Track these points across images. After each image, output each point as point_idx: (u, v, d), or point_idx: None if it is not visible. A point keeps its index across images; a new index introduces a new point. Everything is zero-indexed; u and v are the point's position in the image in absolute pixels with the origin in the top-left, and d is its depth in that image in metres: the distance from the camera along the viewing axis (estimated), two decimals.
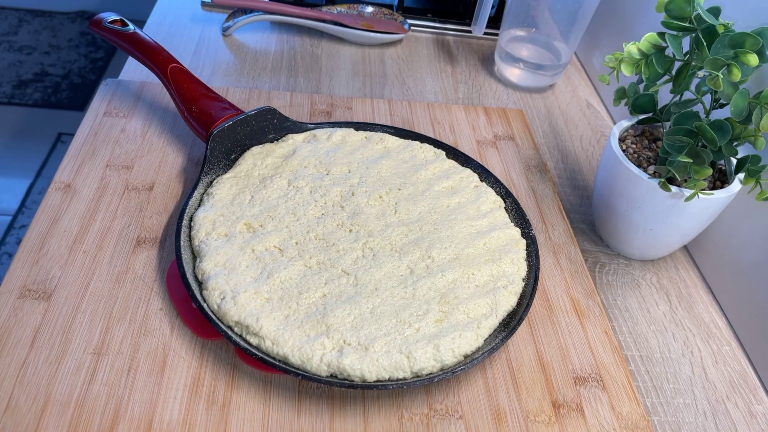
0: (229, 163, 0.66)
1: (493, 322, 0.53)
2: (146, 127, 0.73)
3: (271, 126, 0.69)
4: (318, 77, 0.88)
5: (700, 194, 0.57)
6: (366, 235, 0.59)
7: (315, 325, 0.51)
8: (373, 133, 0.71)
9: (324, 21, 0.94)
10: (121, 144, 0.70)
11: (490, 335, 0.53)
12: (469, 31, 1.01)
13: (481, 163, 0.76)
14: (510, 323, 0.54)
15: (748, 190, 0.59)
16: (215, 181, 0.63)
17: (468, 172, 0.68)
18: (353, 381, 0.48)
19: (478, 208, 0.64)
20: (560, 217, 0.70)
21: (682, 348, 0.60)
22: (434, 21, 1.01)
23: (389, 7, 0.99)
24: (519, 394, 0.53)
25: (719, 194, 0.58)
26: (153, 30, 0.92)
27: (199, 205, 0.61)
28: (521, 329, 0.58)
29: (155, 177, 0.67)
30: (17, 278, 0.55)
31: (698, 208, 0.59)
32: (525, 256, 0.60)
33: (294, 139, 0.69)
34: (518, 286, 0.57)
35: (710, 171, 0.55)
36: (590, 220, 0.72)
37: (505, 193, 0.66)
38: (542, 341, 0.57)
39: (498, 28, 0.94)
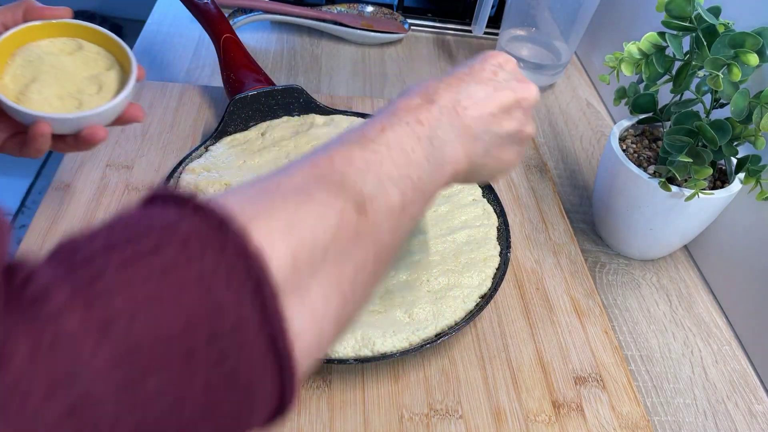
0: (244, 129, 0.70)
1: (430, 331, 0.52)
2: (146, 127, 0.73)
3: (297, 104, 0.72)
4: (318, 77, 0.88)
5: (700, 194, 0.57)
6: None
7: None
8: None
9: (324, 21, 0.94)
10: (121, 144, 0.70)
11: (419, 342, 0.52)
12: (469, 31, 1.01)
13: None
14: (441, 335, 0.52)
15: (749, 189, 0.59)
16: (220, 140, 0.67)
17: (473, 184, 0.67)
18: None
19: (465, 220, 0.62)
20: (560, 217, 0.70)
21: (682, 348, 0.60)
22: (434, 21, 1.01)
23: (389, 6, 0.99)
24: (519, 394, 0.53)
25: (719, 194, 0.58)
26: (153, 30, 0.92)
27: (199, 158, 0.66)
28: (521, 329, 0.58)
29: (155, 177, 0.67)
30: None
31: (698, 208, 0.59)
32: (492, 274, 0.58)
33: (314, 120, 0.71)
34: (471, 303, 0.55)
35: (710, 171, 0.55)
36: (590, 220, 0.72)
37: (499, 212, 0.64)
38: (542, 341, 0.57)
39: (498, 27, 0.94)
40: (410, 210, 0.34)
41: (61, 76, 0.48)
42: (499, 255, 0.60)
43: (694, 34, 0.56)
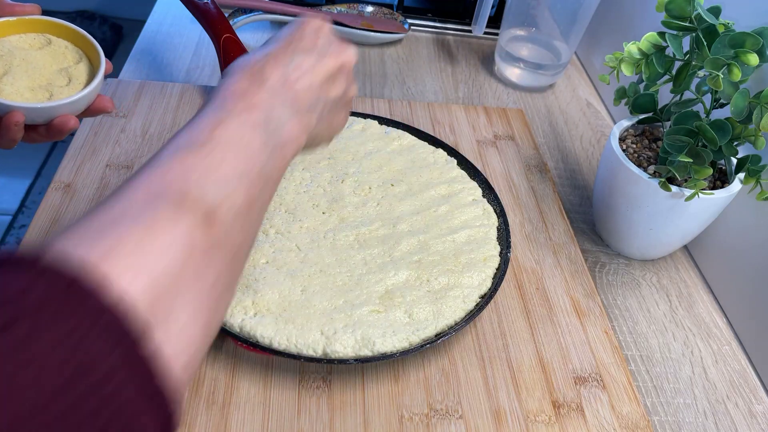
0: None
1: (430, 331, 0.52)
2: (146, 127, 0.73)
3: None
4: None
5: (700, 194, 0.57)
6: (337, 221, 0.60)
7: (243, 288, 0.52)
8: (393, 129, 0.71)
9: None
10: (121, 144, 0.70)
11: (419, 342, 0.52)
12: (469, 31, 1.01)
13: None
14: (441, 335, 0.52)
15: (749, 189, 0.59)
16: None
17: (473, 184, 0.67)
18: (256, 341, 0.50)
19: (465, 220, 0.62)
20: (560, 217, 0.70)
21: (682, 348, 0.60)
22: (434, 21, 1.01)
23: (389, 6, 0.99)
24: (519, 394, 0.53)
25: (719, 194, 0.58)
26: (153, 30, 0.92)
27: None
28: (521, 329, 0.58)
29: None
30: None
31: (698, 208, 0.59)
32: (492, 274, 0.58)
33: None
34: (471, 303, 0.55)
35: (710, 171, 0.55)
36: (590, 220, 0.72)
37: (499, 212, 0.64)
38: (542, 341, 0.57)
39: (498, 27, 0.94)
40: (258, 203, 0.34)
41: (32, 69, 0.50)
42: (499, 255, 0.60)
43: (694, 34, 0.56)
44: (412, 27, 1.00)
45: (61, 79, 0.51)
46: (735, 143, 0.56)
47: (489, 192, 0.66)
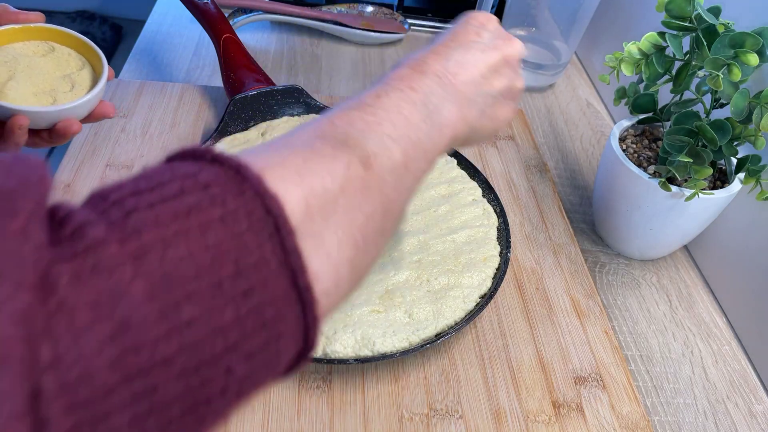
0: (244, 129, 0.70)
1: (430, 331, 0.52)
2: (146, 127, 0.73)
3: (297, 104, 0.73)
4: (318, 77, 0.88)
5: (700, 194, 0.57)
6: None
7: None
8: None
9: (324, 21, 0.94)
10: (121, 144, 0.70)
11: (419, 342, 0.52)
12: None
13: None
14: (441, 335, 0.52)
15: (749, 189, 0.59)
16: (220, 140, 0.68)
17: (473, 185, 0.67)
18: None
19: (465, 220, 0.62)
20: (560, 217, 0.70)
21: (682, 348, 0.60)
22: (434, 20, 1.01)
23: (389, 6, 0.99)
24: (519, 394, 0.53)
25: (719, 194, 0.58)
26: (153, 30, 0.92)
27: None
28: (521, 329, 0.58)
29: None
30: None
31: (698, 208, 0.59)
32: (492, 274, 0.58)
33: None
34: (471, 303, 0.55)
35: (710, 171, 0.55)
36: (590, 220, 0.72)
37: (499, 212, 0.64)
38: (542, 341, 0.57)
39: None
40: (413, 168, 0.35)
41: (36, 75, 0.51)
42: (499, 255, 0.60)
43: (694, 34, 0.56)
44: (412, 27, 1.00)
45: (64, 85, 0.52)
46: (735, 143, 0.56)
47: (489, 192, 0.66)
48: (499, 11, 0.99)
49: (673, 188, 0.58)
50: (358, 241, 0.30)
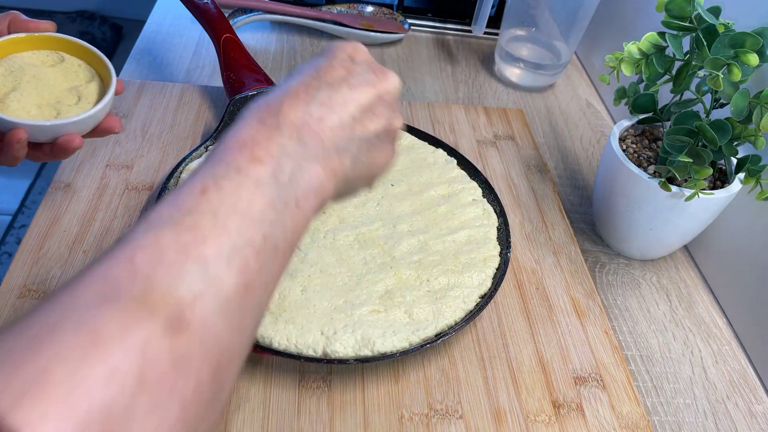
0: None
1: (430, 331, 0.52)
2: (146, 127, 0.73)
3: None
4: None
5: (700, 194, 0.57)
6: (336, 221, 0.60)
7: None
8: None
9: (324, 21, 0.94)
10: (121, 144, 0.70)
11: (419, 342, 0.52)
12: (469, 31, 1.01)
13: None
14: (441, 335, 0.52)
15: (749, 189, 0.59)
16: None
17: (473, 185, 0.67)
18: (256, 341, 0.49)
19: (465, 221, 0.62)
20: (560, 217, 0.70)
21: (682, 348, 0.60)
22: (434, 21, 1.01)
23: (389, 6, 0.99)
24: (519, 394, 0.53)
25: (719, 194, 0.58)
26: (153, 30, 0.92)
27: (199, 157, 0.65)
28: (521, 329, 0.58)
29: (155, 177, 0.67)
30: (17, 278, 0.55)
31: (698, 208, 0.59)
32: (492, 274, 0.58)
33: None
34: (471, 303, 0.55)
35: (710, 171, 0.55)
36: (590, 220, 0.72)
37: (499, 212, 0.64)
38: (542, 341, 0.57)
39: (498, 27, 0.94)
40: (259, 283, 0.27)
41: (42, 86, 0.50)
42: (499, 255, 0.60)
43: (694, 34, 0.56)
44: (412, 27, 1.00)
45: (70, 98, 0.50)
46: (735, 143, 0.56)
47: (489, 192, 0.66)
48: (499, 11, 0.99)
49: (673, 188, 0.58)
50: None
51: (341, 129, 0.34)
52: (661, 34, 0.58)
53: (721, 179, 0.62)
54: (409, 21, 0.99)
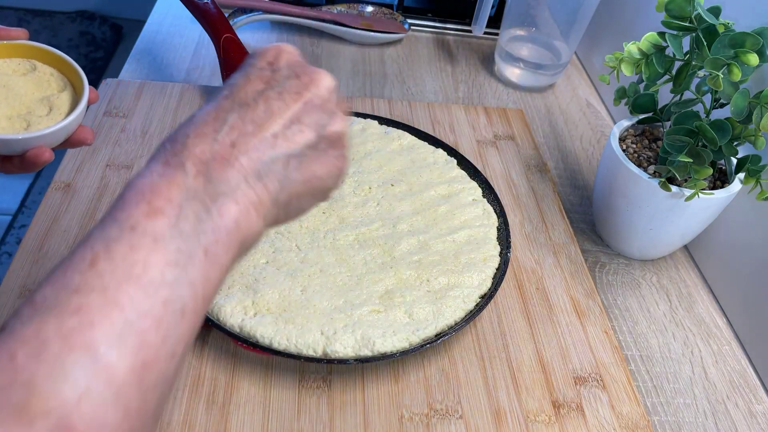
0: None
1: (430, 331, 0.52)
2: (146, 127, 0.73)
3: None
4: None
5: (700, 194, 0.57)
6: (337, 221, 0.60)
7: (244, 288, 0.53)
8: (393, 129, 0.71)
9: (324, 21, 0.94)
10: (121, 144, 0.70)
11: (419, 342, 0.52)
12: (469, 31, 1.01)
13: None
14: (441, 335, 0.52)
15: (749, 189, 0.59)
16: None
17: (473, 185, 0.67)
18: (256, 341, 0.50)
19: (465, 221, 0.62)
20: (560, 217, 0.70)
21: (682, 348, 0.60)
22: (434, 20, 1.01)
23: (389, 6, 0.99)
24: (519, 394, 0.53)
25: (719, 194, 0.58)
26: (153, 30, 0.92)
27: None
28: (521, 329, 0.58)
29: None
30: (17, 278, 0.55)
31: (698, 208, 0.59)
32: (492, 274, 0.58)
33: None
34: (471, 303, 0.55)
35: (710, 171, 0.55)
36: (590, 220, 0.72)
37: (499, 212, 0.64)
38: (542, 341, 0.57)
39: (498, 27, 0.94)
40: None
41: (12, 96, 0.48)
42: (499, 255, 0.60)
43: (694, 34, 0.56)
44: (412, 27, 1.00)
45: (41, 108, 0.48)
46: (735, 143, 0.56)
47: (489, 192, 0.66)
48: (499, 11, 0.99)
49: (673, 188, 0.58)
50: None
51: (259, 151, 0.30)
52: (661, 34, 0.58)
53: (721, 179, 0.62)
54: (409, 21, 0.99)
